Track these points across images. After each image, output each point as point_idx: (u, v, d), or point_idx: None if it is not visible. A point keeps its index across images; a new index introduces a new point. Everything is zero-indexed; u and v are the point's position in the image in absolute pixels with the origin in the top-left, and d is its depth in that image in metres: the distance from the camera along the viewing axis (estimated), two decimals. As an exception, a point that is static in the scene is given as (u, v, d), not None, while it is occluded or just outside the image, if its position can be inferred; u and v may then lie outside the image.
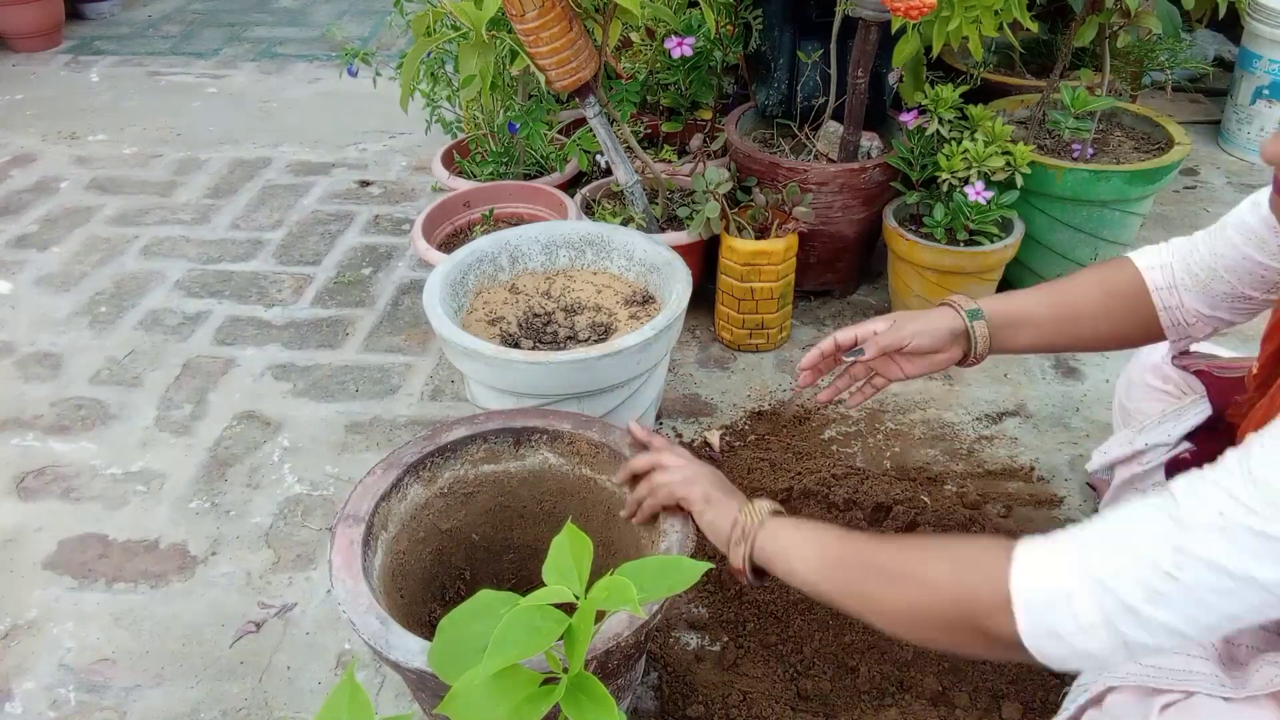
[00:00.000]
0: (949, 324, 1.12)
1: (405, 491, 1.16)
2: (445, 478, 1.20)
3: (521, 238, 1.64)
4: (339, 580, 1.05)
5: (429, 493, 1.19)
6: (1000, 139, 1.80)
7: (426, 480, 1.18)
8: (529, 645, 0.74)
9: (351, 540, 1.09)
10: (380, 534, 1.13)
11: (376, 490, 1.13)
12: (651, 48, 2.17)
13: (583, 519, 1.22)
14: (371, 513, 1.11)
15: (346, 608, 1.02)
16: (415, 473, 1.17)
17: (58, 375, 1.93)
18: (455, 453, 1.19)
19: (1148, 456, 1.26)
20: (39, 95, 3.30)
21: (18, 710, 1.29)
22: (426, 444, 1.17)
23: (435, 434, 1.18)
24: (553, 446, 1.21)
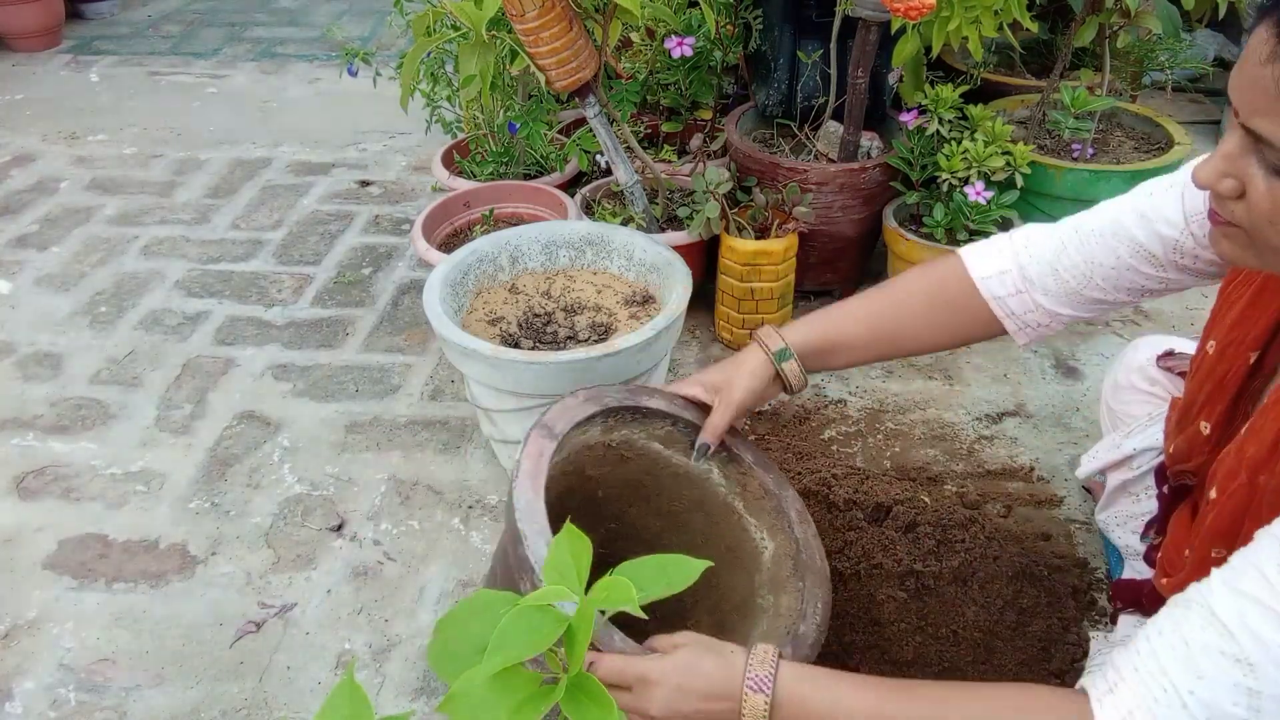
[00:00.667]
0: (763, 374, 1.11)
1: (588, 427, 1.16)
2: (620, 434, 1.19)
3: (521, 238, 1.64)
4: (520, 489, 1.05)
5: (602, 439, 1.18)
6: (1000, 139, 1.80)
7: (607, 429, 1.18)
8: (529, 645, 0.74)
9: (542, 452, 1.10)
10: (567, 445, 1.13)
11: (573, 417, 1.13)
12: (651, 48, 2.17)
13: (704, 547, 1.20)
14: (565, 433, 1.11)
15: (522, 520, 1.01)
16: (605, 418, 1.16)
17: (58, 375, 1.93)
18: (645, 419, 1.18)
19: (1137, 461, 1.26)
20: (39, 95, 3.30)
21: (18, 710, 1.29)
22: (628, 398, 1.16)
23: (636, 394, 1.17)
24: (725, 470, 1.19)
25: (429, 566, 1.50)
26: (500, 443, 1.53)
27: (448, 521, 1.58)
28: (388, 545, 1.54)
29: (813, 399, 1.82)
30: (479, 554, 1.52)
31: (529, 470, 1.07)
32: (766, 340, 1.11)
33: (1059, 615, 1.35)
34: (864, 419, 1.77)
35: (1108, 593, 1.40)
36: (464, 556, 1.51)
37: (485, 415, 1.50)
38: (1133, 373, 1.36)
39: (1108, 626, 1.32)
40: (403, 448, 1.73)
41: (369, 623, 1.41)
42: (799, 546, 1.11)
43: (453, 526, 1.57)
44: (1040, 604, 1.35)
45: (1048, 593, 1.37)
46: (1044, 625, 1.33)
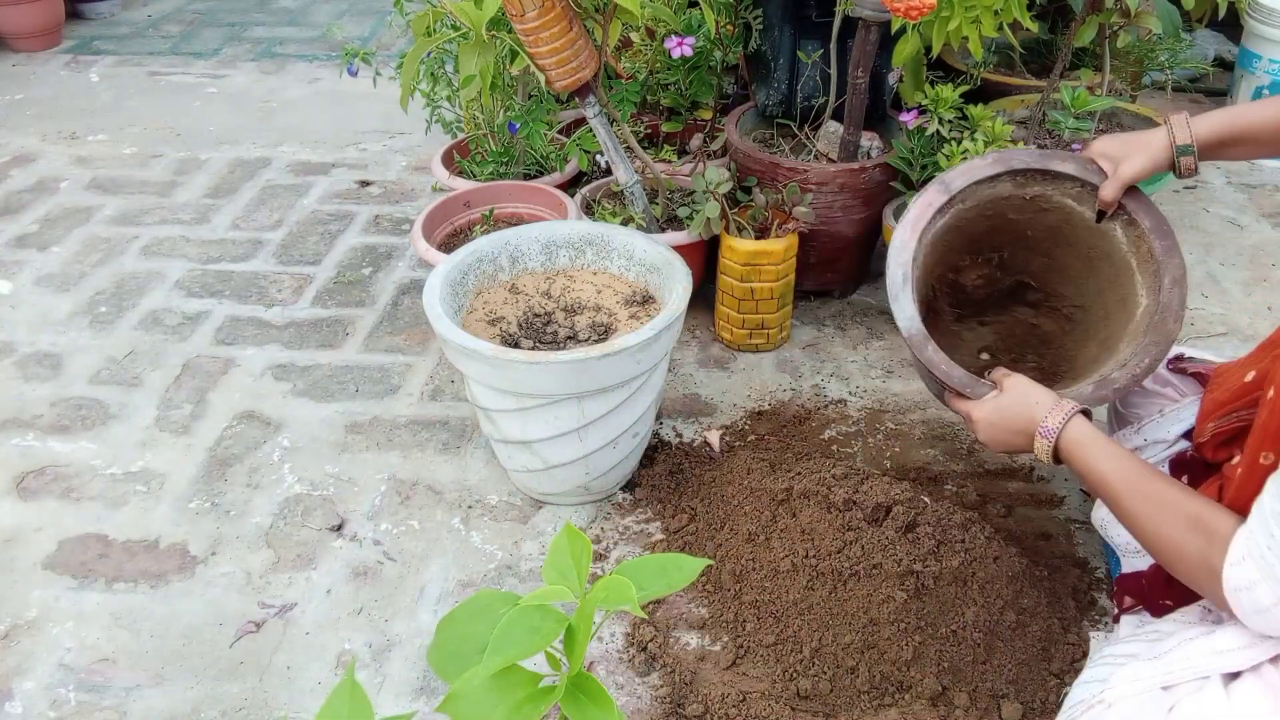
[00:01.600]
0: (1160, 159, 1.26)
1: (994, 184, 1.40)
2: (1034, 189, 1.41)
3: (521, 238, 1.64)
4: (901, 229, 1.37)
5: (1015, 192, 1.42)
6: (1000, 139, 1.80)
7: (1018, 184, 1.41)
8: (529, 645, 0.74)
9: (931, 203, 1.38)
10: (958, 204, 1.40)
11: (974, 175, 1.39)
12: (651, 48, 2.17)
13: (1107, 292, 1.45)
14: (961, 190, 1.38)
15: (891, 254, 1.37)
16: (1013, 177, 1.40)
17: (58, 375, 1.93)
18: (1055, 179, 1.39)
19: (1146, 453, 1.26)
20: (39, 95, 3.30)
21: (18, 710, 1.30)
22: (1036, 161, 1.39)
23: (1047, 158, 1.38)
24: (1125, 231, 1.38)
25: (429, 566, 1.50)
26: (500, 443, 1.53)
27: (448, 521, 1.58)
28: (388, 545, 1.54)
29: (813, 399, 1.82)
30: (479, 554, 1.52)
31: (913, 217, 1.38)
32: (1176, 130, 1.24)
33: (1059, 615, 1.35)
34: (864, 419, 1.77)
35: (1108, 592, 1.40)
36: (464, 556, 1.51)
37: (485, 415, 1.50)
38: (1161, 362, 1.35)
39: (1108, 626, 1.32)
40: (403, 448, 1.73)
41: (369, 623, 1.41)
42: (1160, 309, 1.32)
43: (453, 526, 1.57)
44: (1040, 604, 1.35)
45: (1048, 593, 1.37)
46: (1044, 625, 1.33)
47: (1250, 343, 1.93)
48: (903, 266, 1.37)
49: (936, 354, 1.34)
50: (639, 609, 0.75)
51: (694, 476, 1.62)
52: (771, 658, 1.30)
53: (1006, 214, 1.45)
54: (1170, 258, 1.35)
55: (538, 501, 1.61)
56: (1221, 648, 0.93)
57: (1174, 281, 1.34)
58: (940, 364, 1.34)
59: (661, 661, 1.32)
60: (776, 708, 1.23)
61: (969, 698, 1.25)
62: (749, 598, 1.37)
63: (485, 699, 0.75)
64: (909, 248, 1.37)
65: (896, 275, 1.37)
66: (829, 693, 1.25)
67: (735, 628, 1.35)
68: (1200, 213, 2.43)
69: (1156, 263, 1.35)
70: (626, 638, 1.37)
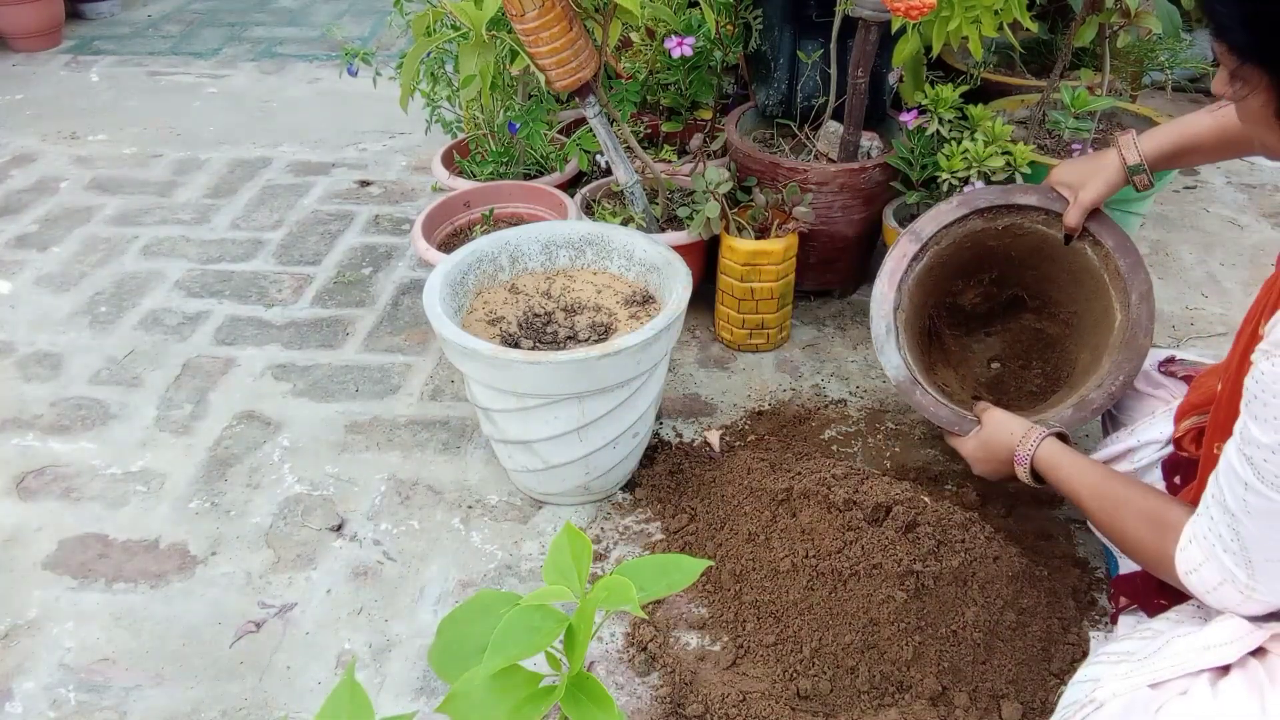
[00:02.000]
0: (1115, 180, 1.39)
1: (964, 223, 1.53)
2: (1003, 222, 1.52)
3: (521, 238, 1.64)
4: (880, 282, 1.49)
5: (986, 225, 1.54)
6: (1000, 139, 1.80)
7: (987, 219, 1.53)
8: (529, 645, 0.74)
9: (905, 254, 1.50)
10: (932, 247, 1.52)
11: (942, 220, 1.51)
12: (651, 48, 2.17)
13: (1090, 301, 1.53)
14: (932, 235, 1.51)
15: (874, 306, 1.48)
16: (980, 215, 1.52)
17: (58, 375, 1.93)
18: (1021, 211, 1.50)
19: (1139, 454, 1.28)
20: (39, 95, 3.30)
21: (18, 710, 1.30)
22: (1000, 197, 1.50)
23: (1009, 193, 1.50)
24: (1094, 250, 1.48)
25: (429, 566, 1.50)
26: (500, 443, 1.53)
27: (448, 521, 1.58)
28: (388, 545, 1.54)
29: (813, 399, 1.82)
30: (479, 554, 1.52)
31: (889, 269, 1.50)
32: (1125, 152, 1.36)
33: (1059, 615, 1.35)
34: (864, 419, 1.77)
35: (1108, 592, 1.41)
36: (464, 556, 1.51)
37: (485, 415, 1.50)
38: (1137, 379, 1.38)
39: (1108, 626, 1.32)
40: (403, 448, 1.73)
41: (369, 623, 1.41)
42: (1131, 325, 1.41)
43: (453, 526, 1.57)
44: (1040, 604, 1.35)
45: (1048, 593, 1.37)
46: (1044, 625, 1.33)
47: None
48: (885, 319, 1.48)
49: (924, 397, 1.45)
50: (639, 609, 0.75)
51: (694, 476, 1.62)
52: (771, 658, 1.30)
53: (985, 242, 1.55)
54: (1135, 274, 1.43)
55: (538, 501, 1.61)
56: (1209, 643, 0.94)
57: (1141, 298, 1.42)
58: (929, 406, 1.43)
59: (661, 661, 1.32)
60: (776, 708, 1.23)
61: (969, 698, 1.25)
62: (749, 598, 1.37)
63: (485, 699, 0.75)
64: (889, 299, 1.48)
65: (880, 328, 1.49)
66: (829, 693, 1.25)
67: (735, 628, 1.35)
68: (1200, 213, 2.43)
69: (1124, 280, 1.43)
70: (626, 638, 1.37)
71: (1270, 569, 0.90)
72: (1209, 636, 0.95)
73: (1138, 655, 1.00)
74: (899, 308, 1.51)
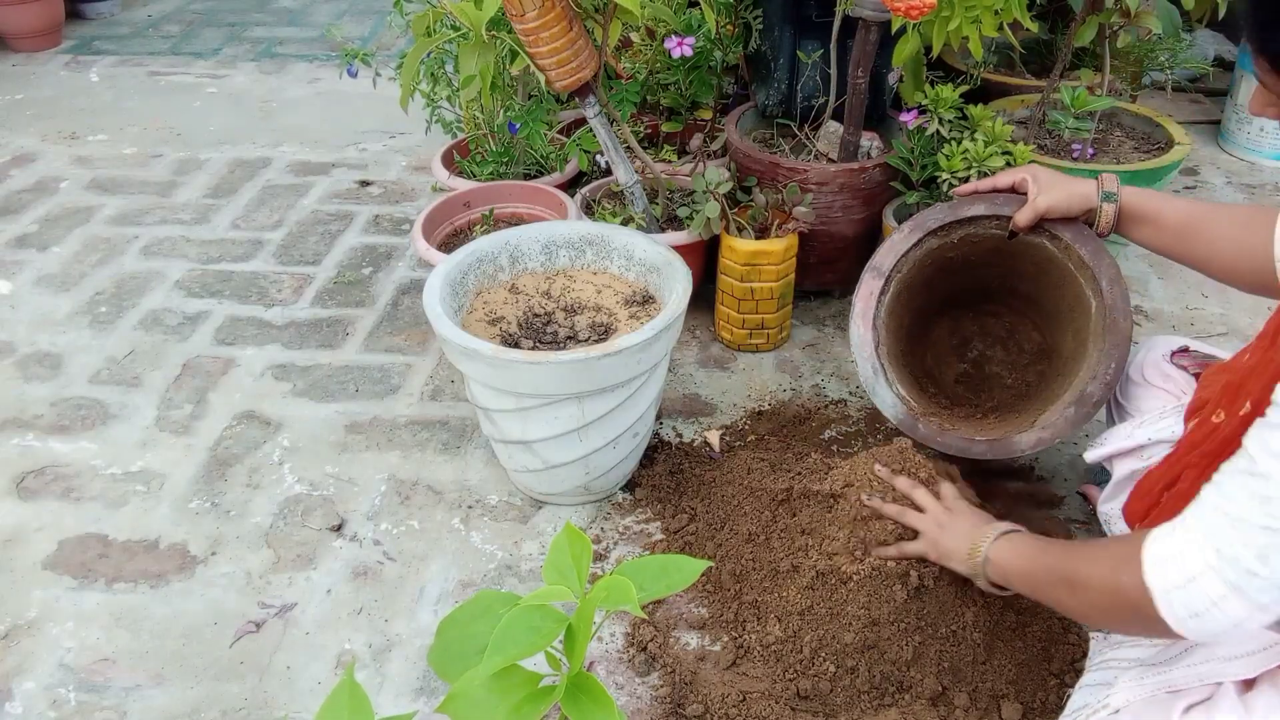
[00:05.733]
0: (1081, 201, 1.37)
1: (921, 245, 1.53)
2: (957, 234, 1.52)
3: (521, 238, 1.64)
4: (855, 324, 1.50)
5: (942, 241, 1.53)
6: (1000, 139, 1.80)
7: (941, 236, 1.53)
8: (529, 645, 0.74)
9: (872, 292, 1.51)
10: (895, 276, 1.52)
11: (898, 250, 1.51)
12: (651, 48, 2.17)
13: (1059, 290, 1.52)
14: (893, 266, 1.51)
15: (855, 349, 1.50)
16: (934, 234, 1.52)
17: (58, 375, 1.93)
18: (971, 222, 1.50)
19: (1149, 452, 1.25)
20: (39, 95, 3.30)
21: (18, 710, 1.29)
22: (948, 215, 1.50)
23: (956, 208, 1.50)
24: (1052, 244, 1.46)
25: (429, 566, 1.50)
26: (500, 443, 1.53)
27: (448, 521, 1.58)
28: (388, 545, 1.54)
29: (813, 399, 1.82)
30: (479, 554, 1.52)
31: (860, 310, 1.51)
32: (1106, 182, 1.35)
33: (1059, 616, 1.35)
34: (864, 419, 1.77)
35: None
36: (464, 556, 1.51)
37: (485, 415, 1.50)
38: (1146, 368, 1.35)
39: (1108, 626, 1.32)
40: (403, 448, 1.73)
41: (369, 623, 1.41)
42: (1108, 310, 1.39)
43: (453, 526, 1.57)
44: (1040, 605, 1.35)
45: (1048, 593, 1.37)
46: (1044, 625, 1.33)
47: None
48: (869, 361, 1.50)
49: (928, 429, 1.46)
50: (639, 609, 0.75)
51: (694, 476, 1.62)
52: (771, 658, 1.30)
53: (945, 255, 1.56)
54: (1099, 260, 1.42)
55: (538, 501, 1.61)
56: (1230, 654, 0.91)
57: (1111, 281, 1.41)
58: (935, 437, 1.46)
59: (661, 661, 1.32)
60: (776, 708, 1.23)
61: (969, 698, 1.24)
62: (749, 598, 1.37)
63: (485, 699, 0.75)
64: (869, 342, 1.50)
65: (867, 370, 1.50)
66: (829, 693, 1.25)
67: (735, 628, 1.35)
68: (1200, 213, 2.43)
69: (1089, 268, 1.42)
70: (626, 638, 1.37)
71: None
72: (1229, 648, 0.92)
73: (1150, 662, 0.99)
74: (879, 345, 1.52)
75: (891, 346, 1.57)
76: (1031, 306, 1.65)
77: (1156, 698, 0.92)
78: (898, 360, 1.59)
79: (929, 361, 1.70)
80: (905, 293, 1.57)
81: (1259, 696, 0.88)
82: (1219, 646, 0.93)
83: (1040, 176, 1.43)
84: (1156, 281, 2.16)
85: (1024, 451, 1.42)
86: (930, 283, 1.60)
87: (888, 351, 1.54)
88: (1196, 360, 1.31)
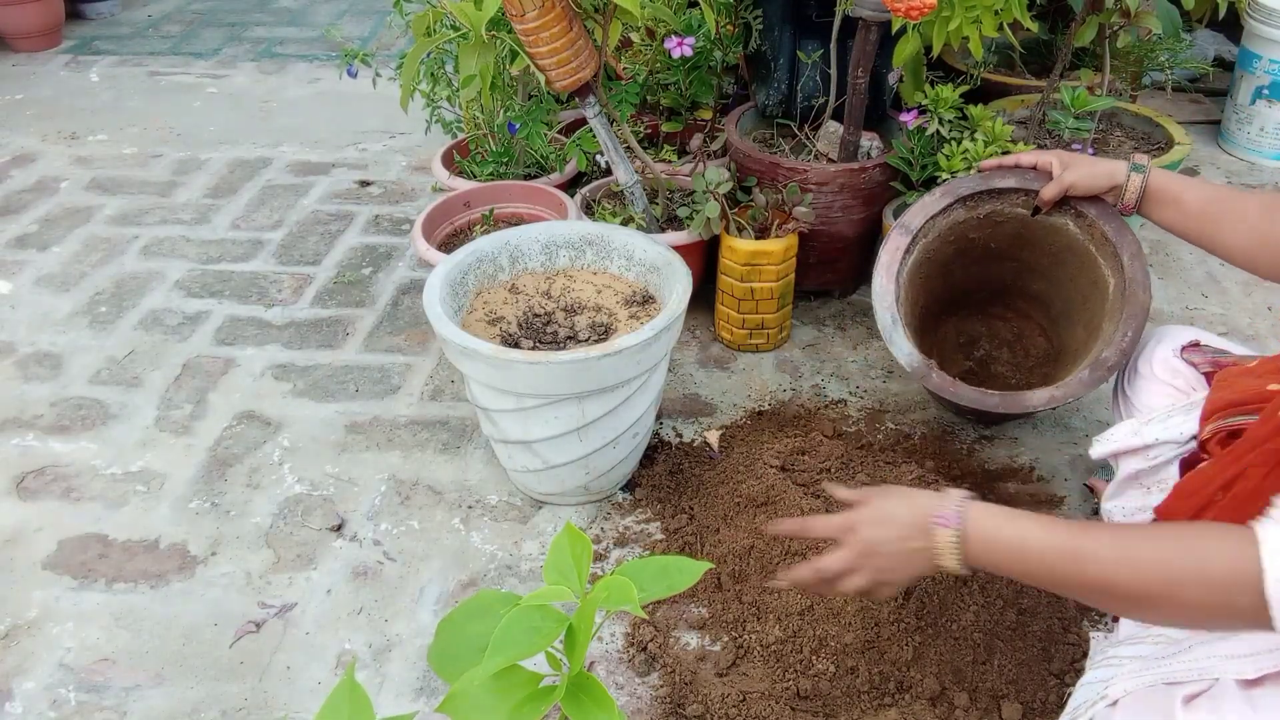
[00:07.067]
0: (1109, 176, 1.37)
1: (949, 213, 1.54)
2: (984, 209, 1.54)
3: (521, 238, 1.64)
4: (878, 276, 1.52)
5: (968, 216, 1.55)
6: (1000, 139, 1.80)
7: (969, 208, 1.54)
8: (529, 645, 0.74)
9: (898, 246, 1.53)
10: (920, 239, 1.54)
11: (928, 211, 1.53)
12: (651, 48, 2.17)
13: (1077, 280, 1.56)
14: (920, 227, 1.53)
15: (875, 300, 1.51)
16: (964, 202, 1.54)
17: (58, 375, 1.93)
18: (1001, 195, 1.52)
19: (1155, 452, 1.24)
20: (39, 95, 3.30)
21: (18, 710, 1.29)
22: (980, 184, 1.52)
23: (989, 178, 1.51)
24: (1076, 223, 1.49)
25: (429, 566, 1.50)
26: (500, 443, 1.53)
27: (448, 521, 1.58)
28: (388, 545, 1.54)
29: (813, 399, 1.82)
30: (479, 554, 1.52)
31: (885, 263, 1.52)
32: (1136, 157, 1.34)
33: (1059, 615, 1.35)
34: (864, 419, 1.77)
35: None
36: (464, 556, 1.51)
37: (485, 415, 1.50)
38: (1154, 363, 1.34)
39: (1108, 626, 1.32)
40: (403, 448, 1.73)
41: (369, 623, 1.41)
42: (1128, 282, 1.42)
43: (453, 526, 1.57)
44: (1040, 604, 1.35)
45: (1048, 593, 1.37)
46: (1044, 625, 1.33)
47: (1250, 343, 1.93)
48: (889, 310, 1.51)
49: (941, 379, 1.47)
50: (640, 609, 0.75)
51: (694, 476, 1.62)
52: (771, 658, 1.30)
53: (967, 235, 1.58)
54: (1123, 236, 1.44)
55: (538, 501, 1.61)
56: (1232, 653, 0.91)
57: (1133, 256, 1.44)
58: (948, 387, 1.46)
59: (661, 661, 1.32)
60: (776, 708, 1.23)
61: (969, 698, 1.25)
62: (749, 598, 1.37)
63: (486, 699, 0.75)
64: (889, 292, 1.52)
65: (885, 319, 1.52)
66: (829, 693, 1.25)
67: (735, 628, 1.35)
68: (1200, 213, 2.43)
69: (1112, 244, 1.44)
70: (626, 638, 1.37)
71: None
72: (1233, 647, 0.91)
73: (1151, 658, 0.98)
74: (899, 300, 1.54)
75: (908, 312, 1.58)
76: (1040, 310, 1.65)
77: (1155, 688, 0.91)
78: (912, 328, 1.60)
79: (935, 357, 1.71)
80: (925, 265, 1.58)
81: (1267, 696, 0.87)
82: (1221, 644, 0.93)
83: (1066, 157, 1.44)
84: (1157, 282, 2.16)
85: (1036, 407, 1.44)
86: (948, 266, 1.61)
87: (905, 313, 1.56)
88: (1208, 357, 1.30)
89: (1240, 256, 1.23)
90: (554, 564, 0.82)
